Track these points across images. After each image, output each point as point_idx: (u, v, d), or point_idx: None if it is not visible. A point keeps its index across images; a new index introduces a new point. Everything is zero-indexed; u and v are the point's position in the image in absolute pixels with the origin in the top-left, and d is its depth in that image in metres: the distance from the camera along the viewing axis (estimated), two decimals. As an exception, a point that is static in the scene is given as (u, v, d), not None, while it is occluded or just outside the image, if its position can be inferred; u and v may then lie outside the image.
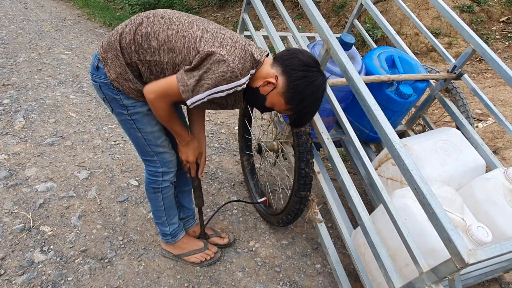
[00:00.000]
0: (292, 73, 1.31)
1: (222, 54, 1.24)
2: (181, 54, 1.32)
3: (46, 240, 1.90)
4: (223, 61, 1.24)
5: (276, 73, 1.34)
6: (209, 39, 1.30)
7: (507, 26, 4.71)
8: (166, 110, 1.39)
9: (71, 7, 7.97)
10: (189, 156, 1.63)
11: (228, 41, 1.30)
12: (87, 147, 2.77)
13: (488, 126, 3.20)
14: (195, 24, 1.35)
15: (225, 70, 1.24)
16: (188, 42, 1.31)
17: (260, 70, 1.38)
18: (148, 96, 1.35)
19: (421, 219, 1.38)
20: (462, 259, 0.99)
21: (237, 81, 1.27)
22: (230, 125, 3.39)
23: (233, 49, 1.28)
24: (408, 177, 1.15)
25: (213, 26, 1.37)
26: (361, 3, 2.51)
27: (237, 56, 1.27)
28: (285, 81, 1.33)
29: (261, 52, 1.39)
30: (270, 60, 1.40)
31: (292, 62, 1.32)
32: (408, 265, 1.38)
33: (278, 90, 1.34)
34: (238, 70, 1.25)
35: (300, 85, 1.32)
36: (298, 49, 1.41)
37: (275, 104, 1.39)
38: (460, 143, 1.83)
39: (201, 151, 1.69)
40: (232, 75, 1.25)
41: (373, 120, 1.31)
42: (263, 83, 1.35)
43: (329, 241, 1.76)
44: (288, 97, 1.34)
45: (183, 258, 1.87)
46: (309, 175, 1.69)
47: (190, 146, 1.61)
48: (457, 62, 1.93)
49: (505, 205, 1.51)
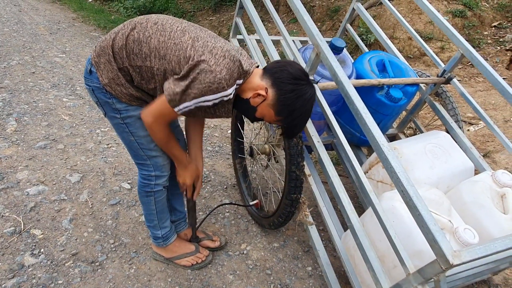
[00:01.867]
0: (282, 86, 1.34)
1: (210, 64, 1.26)
2: (171, 62, 1.33)
3: (36, 244, 1.89)
4: (210, 71, 1.25)
5: (266, 85, 1.36)
6: (199, 47, 1.31)
7: (498, 31, 4.77)
8: (164, 133, 1.43)
9: (66, 10, 7.96)
10: (187, 179, 1.67)
11: (218, 50, 1.31)
12: (79, 150, 2.76)
13: (479, 129, 3.23)
14: (187, 31, 1.37)
15: (212, 81, 1.25)
16: (179, 50, 1.32)
17: (249, 81, 1.40)
18: (146, 120, 1.38)
19: (408, 221, 1.39)
20: (447, 260, 1.00)
21: (223, 92, 1.28)
22: (224, 129, 3.40)
23: (222, 59, 1.29)
24: (395, 180, 1.17)
25: (205, 35, 1.38)
26: (354, 8, 2.53)
27: (225, 67, 1.28)
28: (274, 93, 1.35)
29: (251, 63, 1.41)
30: (260, 71, 1.42)
31: (282, 75, 1.35)
32: (396, 266, 1.39)
33: (268, 102, 1.37)
34: (224, 81, 1.27)
35: (290, 98, 1.35)
36: (287, 61, 1.43)
37: (265, 115, 1.42)
38: (449, 147, 1.86)
39: (199, 174, 1.71)
40: (218, 86, 1.26)
41: (361, 124, 1.33)
42: (253, 95, 1.38)
43: (319, 243, 1.77)
44: (278, 109, 1.37)
45: (174, 261, 1.87)
46: (299, 178, 1.70)
47: (189, 170, 1.65)
48: (447, 67, 1.95)
49: (492, 208, 1.53)
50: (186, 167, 1.64)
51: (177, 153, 1.56)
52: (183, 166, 1.63)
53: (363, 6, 2.54)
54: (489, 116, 1.93)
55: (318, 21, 5.69)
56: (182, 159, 1.60)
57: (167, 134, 1.45)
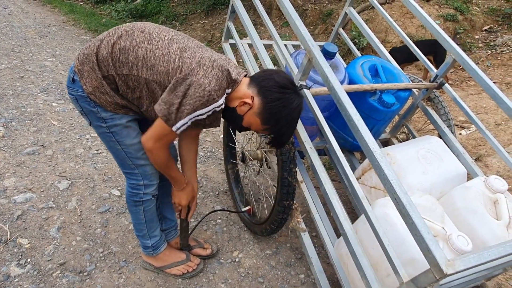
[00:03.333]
0: (268, 94, 1.34)
1: (199, 78, 1.25)
2: (159, 73, 1.32)
3: (23, 253, 1.84)
4: (199, 85, 1.25)
5: (252, 93, 1.36)
6: (187, 58, 1.31)
7: (489, 35, 4.81)
8: (164, 157, 1.43)
9: (56, 13, 7.88)
10: (182, 201, 1.66)
11: (206, 61, 1.31)
12: (68, 156, 2.71)
13: (471, 133, 3.24)
14: (174, 41, 1.36)
15: (202, 94, 1.25)
16: (167, 61, 1.31)
17: (237, 90, 1.39)
18: (146, 145, 1.38)
19: (402, 229, 1.37)
20: (441, 270, 0.98)
21: (215, 104, 1.28)
22: (216, 133, 3.37)
23: (210, 69, 1.29)
24: (388, 187, 1.15)
25: (192, 44, 1.37)
26: (346, 12, 2.52)
27: (213, 77, 1.27)
28: (260, 102, 1.35)
29: (239, 72, 1.40)
30: (247, 80, 1.41)
31: (268, 84, 1.34)
32: (390, 275, 1.37)
33: (254, 111, 1.36)
34: (214, 92, 1.27)
35: (276, 107, 1.34)
36: (274, 70, 1.42)
37: (252, 124, 1.41)
38: (441, 152, 1.85)
39: (194, 195, 1.71)
40: (209, 98, 1.26)
41: (354, 130, 1.31)
42: (239, 103, 1.37)
43: (312, 250, 1.75)
44: (264, 117, 1.36)
45: (164, 271, 1.83)
46: (292, 184, 1.67)
47: (185, 191, 1.65)
48: (439, 72, 1.95)
49: (485, 214, 1.52)
50: (183, 189, 1.63)
51: (175, 175, 1.56)
52: (180, 188, 1.62)
53: (355, 10, 2.54)
54: (480, 120, 1.93)
55: (311, 25, 5.70)
56: (181, 180, 1.60)
57: (167, 157, 1.45)
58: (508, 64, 4.21)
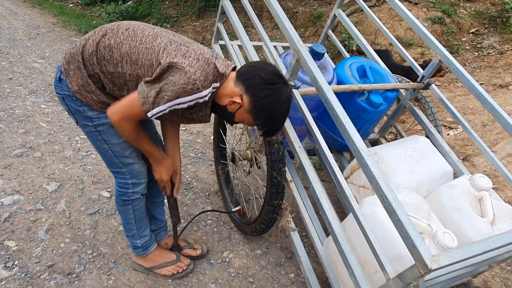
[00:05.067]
0: (255, 92, 1.33)
1: (184, 66, 1.24)
2: (143, 66, 1.31)
3: (10, 256, 1.82)
4: (184, 72, 1.23)
5: (240, 91, 1.35)
6: (172, 51, 1.30)
7: (476, 37, 4.90)
8: (132, 130, 1.36)
9: (46, 15, 7.81)
10: (163, 175, 1.60)
11: (192, 53, 1.30)
12: (57, 158, 2.69)
13: (459, 133, 3.29)
14: (159, 36, 1.35)
15: (186, 82, 1.23)
16: (151, 54, 1.30)
17: (224, 86, 1.38)
18: (112, 118, 1.32)
19: (389, 226, 1.39)
20: (426, 265, 1.00)
21: (198, 93, 1.26)
22: (207, 135, 3.37)
23: (195, 61, 1.28)
24: (375, 185, 1.17)
25: (179, 39, 1.37)
26: (335, 15, 2.55)
27: (199, 68, 1.27)
28: (250, 99, 1.34)
29: (227, 65, 1.39)
30: (234, 75, 1.39)
31: (255, 81, 1.33)
32: (377, 272, 1.38)
33: (244, 108, 1.37)
34: (199, 82, 1.25)
35: (266, 104, 1.34)
36: (259, 65, 1.39)
37: (244, 120, 1.42)
38: (428, 151, 1.88)
39: (176, 169, 1.65)
40: (193, 87, 1.24)
41: (341, 129, 1.33)
42: (229, 102, 1.37)
43: (302, 249, 1.76)
44: (255, 114, 1.37)
45: (154, 271, 1.82)
46: (281, 183, 1.68)
47: (163, 165, 1.58)
48: (425, 73, 1.98)
49: (470, 211, 1.54)
50: (160, 162, 1.56)
51: (149, 148, 1.49)
52: (157, 162, 1.55)
53: (344, 13, 2.57)
54: (467, 121, 1.97)
55: (301, 27, 5.74)
56: (155, 153, 1.52)
57: (136, 130, 1.38)
58: (494, 66, 4.29)
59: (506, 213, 1.58)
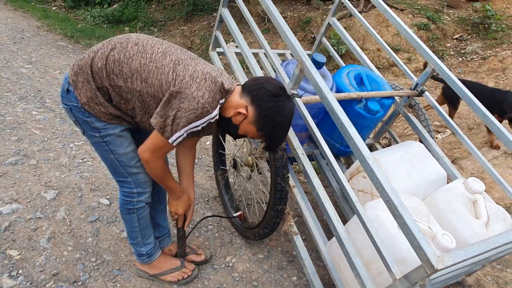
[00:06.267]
0: (261, 103, 1.39)
1: (192, 91, 1.30)
2: (153, 86, 1.35)
3: (14, 265, 1.81)
4: (193, 98, 1.29)
5: (246, 103, 1.41)
6: (180, 72, 1.35)
7: (460, 43, 5.07)
8: (161, 167, 1.46)
9: (29, 18, 7.66)
10: (179, 210, 1.69)
11: (199, 74, 1.35)
12: (53, 166, 2.67)
13: (446, 137, 3.41)
14: (168, 54, 1.39)
15: (196, 107, 1.29)
16: (160, 74, 1.35)
17: (230, 99, 1.43)
18: (143, 157, 1.41)
19: (392, 230, 1.46)
20: (432, 266, 1.06)
21: (209, 115, 1.33)
22: (201, 141, 3.40)
23: (203, 82, 1.33)
24: (381, 190, 1.23)
25: (185, 56, 1.42)
26: (329, 23, 2.63)
27: (207, 90, 1.32)
28: (255, 111, 1.40)
29: (231, 82, 1.45)
30: (239, 89, 1.45)
31: (260, 93, 1.40)
32: (381, 273, 1.45)
33: (249, 120, 1.42)
34: (208, 105, 1.31)
35: (271, 115, 1.40)
36: (264, 78, 1.47)
37: (248, 132, 1.47)
38: (423, 156, 1.96)
39: (191, 203, 1.73)
40: (203, 111, 1.31)
41: (346, 137, 1.38)
42: (234, 114, 1.42)
43: (305, 252, 1.81)
44: (259, 125, 1.42)
45: (159, 278, 1.84)
46: (285, 189, 1.73)
47: (181, 200, 1.67)
48: (419, 80, 2.07)
49: (465, 214, 1.63)
50: (179, 198, 1.66)
51: (171, 185, 1.58)
52: (176, 197, 1.65)
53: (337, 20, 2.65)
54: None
55: (290, 32, 5.82)
56: (176, 190, 1.62)
57: (163, 168, 1.48)
58: (478, 71, 4.46)
59: (498, 215, 1.68)
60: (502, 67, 4.48)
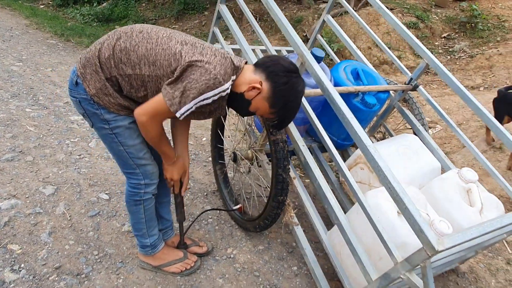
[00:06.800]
0: (276, 78, 1.39)
1: (203, 63, 1.30)
2: (162, 67, 1.36)
3: (15, 259, 1.81)
4: (204, 69, 1.29)
5: (260, 79, 1.40)
6: (188, 50, 1.35)
7: (448, 41, 5.20)
8: (157, 131, 1.43)
9: (17, 16, 7.56)
10: (174, 175, 1.67)
11: (208, 50, 1.37)
12: (50, 162, 2.66)
13: (437, 132, 3.50)
14: (173, 37, 1.41)
15: (208, 78, 1.29)
16: (168, 55, 1.35)
17: (241, 76, 1.43)
18: (140, 119, 1.37)
19: (391, 217, 1.51)
20: (433, 247, 1.11)
21: (221, 87, 1.32)
22: (198, 136, 3.42)
23: (213, 57, 1.34)
24: (383, 178, 1.28)
25: (191, 38, 1.43)
26: (324, 20, 2.68)
27: (218, 63, 1.33)
28: (269, 86, 1.40)
29: (239, 60, 1.47)
30: (251, 66, 1.46)
31: (276, 68, 1.40)
32: (382, 258, 1.50)
33: (263, 95, 1.41)
34: (220, 76, 1.31)
35: (284, 90, 1.40)
36: (279, 56, 1.49)
37: (259, 108, 1.45)
38: (418, 148, 2.02)
39: (185, 169, 1.72)
40: (215, 82, 1.30)
41: (348, 127, 1.43)
42: (248, 88, 1.41)
43: (305, 242, 1.86)
44: (272, 101, 1.42)
45: (162, 269, 1.87)
46: (286, 180, 1.77)
47: (176, 165, 1.65)
48: (413, 75, 2.14)
49: (460, 202, 1.69)
50: (174, 163, 1.64)
51: (166, 150, 1.55)
52: (171, 162, 1.63)
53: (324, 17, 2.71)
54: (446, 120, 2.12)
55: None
56: (171, 155, 1.59)
57: (160, 132, 1.45)
58: (466, 69, 4.58)
59: (491, 203, 1.75)
60: (489, 64, 4.61)
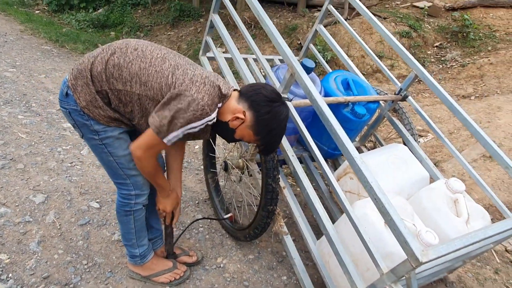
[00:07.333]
0: (259, 108, 1.43)
1: (192, 93, 1.34)
2: (153, 89, 1.39)
3: (3, 268, 1.80)
4: (193, 100, 1.33)
5: (243, 108, 1.45)
6: (179, 75, 1.39)
7: (440, 51, 5.26)
8: (153, 165, 1.48)
9: (12, 22, 7.55)
10: (167, 207, 1.72)
11: (198, 78, 1.40)
12: (41, 170, 2.65)
13: (428, 141, 3.53)
14: (167, 59, 1.43)
15: (196, 108, 1.33)
16: (160, 78, 1.39)
17: (227, 104, 1.47)
18: (135, 153, 1.42)
19: (379, 227, 1.52)
20: (417, 259, 1.13)
21: (208, 117, 1.37)
22: (190, 145, 3.42)
23: (202, 86, 1.37)
24: (369, 189, 1.29)
25: (184, 62, 1.46)
26: (316, 30, 2.71)
27: (206, 93, 1.36)
28: (252, 116, 1.44)
29: (228, 87, 1.49)
30: (236, 94, 1.50)
31: (257, 98, 1.44)
32: (369, 269, 1.51)
33: (246, 124, 1.46)
34: (207, 107, 1.35)
35: (267, 119, 1.44)
36: (261, 85, 1.52)
37: (245, 136, 1.50)
38: (407, 158, 2.04)
39: (178, 201, 1.76)
40: (202, 112, 1.34)
41: (336, 138, 1.45)
42: (232, 118, 1.45)
43: (295, 251, 1.86)
44: (256, 130, 1.46)
45: (152, 279, 1.86)
46: (276, 190, 1.78)
47: (170, 198, 1.70)
48: (403, 85, 2.16)
49: (447, 212, 1.71)
50: (168, 196, 1.68)
51: (162, 183, 1.61)
52: (165, 195, 1.68)
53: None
54: (436, 129, 2.14)
55: (276, 39, 5.91)
56: (166, 188, 1.65)
57: (155, 166, 1.50)
58: (457, 78, 4.63)
59: (478, 213, 1.77)
60: (480, 74, 4.67)
